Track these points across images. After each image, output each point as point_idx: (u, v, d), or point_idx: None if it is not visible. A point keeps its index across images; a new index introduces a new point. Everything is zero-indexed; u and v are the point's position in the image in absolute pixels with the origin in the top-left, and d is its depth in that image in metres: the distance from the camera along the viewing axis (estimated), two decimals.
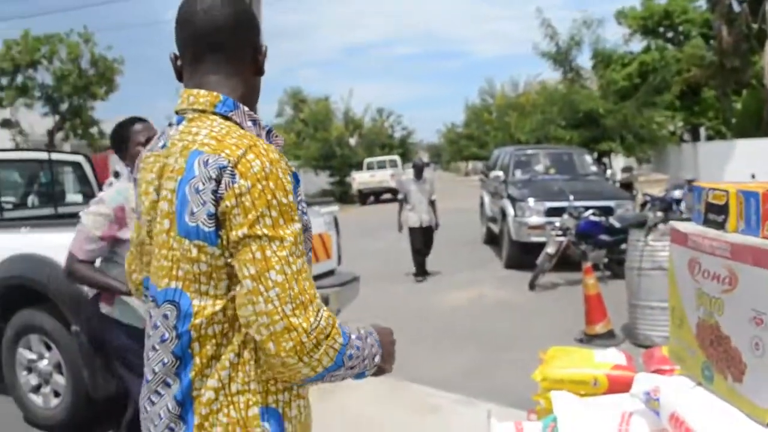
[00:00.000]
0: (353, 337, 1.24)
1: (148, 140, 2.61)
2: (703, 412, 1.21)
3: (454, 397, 4.30)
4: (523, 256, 9.35)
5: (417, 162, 9.94)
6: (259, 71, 1.39)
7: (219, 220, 1.19)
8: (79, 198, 6.36)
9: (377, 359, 1.31)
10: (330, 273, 5.08)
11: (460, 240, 8.86)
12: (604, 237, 8.12)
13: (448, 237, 11.13)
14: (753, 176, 13.20)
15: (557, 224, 8.19)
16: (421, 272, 9.24)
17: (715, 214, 1.29)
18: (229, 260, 1.20)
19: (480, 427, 2.27)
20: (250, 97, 1.37)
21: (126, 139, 2.97)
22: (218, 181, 1.18)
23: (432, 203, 9.26)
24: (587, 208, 8.44)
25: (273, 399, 1.28)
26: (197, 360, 1.25)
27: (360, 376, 1.30)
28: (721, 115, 23.21)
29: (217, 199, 1.18)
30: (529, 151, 12.26)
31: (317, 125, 30.52)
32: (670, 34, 25.29)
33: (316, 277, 4.81)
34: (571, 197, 8.80)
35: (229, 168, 1.18)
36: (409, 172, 9.96)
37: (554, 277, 8.40)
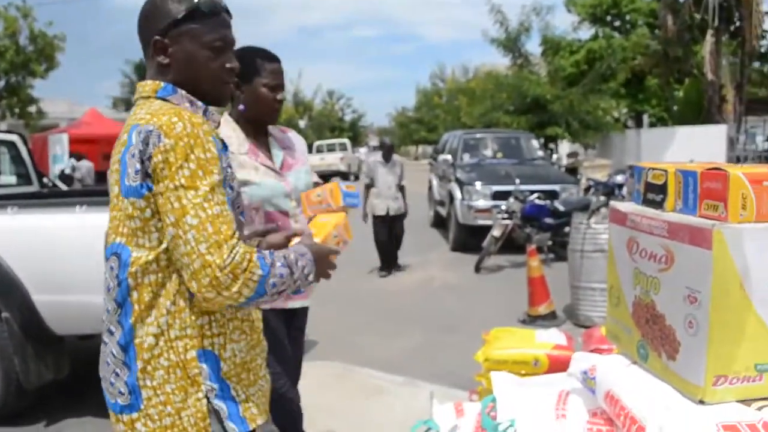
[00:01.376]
0: (278, 265, 1.38)
1: (279, 86, 2.45)
2: (637, 389, 1.22)
3: (399, 379, 4.31)
4: (469, 239, 9.44)
5: (385, 142, 8.85)
6: (164, 65, 1.50)
7: (149, 177, 1.35)
8: (12, 179, 6.07)
9: (311, 278, 1.49)
10: None
11: (408, 223, 8.81)
12: (548, 220, 8.25)
13: None
14: (691, 161, 13.59)
15: (503, 207, 8.28)
16: (388, 266, 8.30)
17: (654, 193, 1.29)
18: (156, 214, 1.37)
19: (424, 409, 2.26)
20: (193, 82, 1.51)
21: (252, 73, 2.85)
22: (146, 143, 1.35)
23: (401, 189, 8.20)
24: (533, 192, 8.56)
25: (209, 342, 1.45)
26: (136, 307, 1.41)
27: (296, 292, 1.51)
28: (664, 103, 23.81)
29: (147, 158, 1.35)
30: (478, 136, 12.35)
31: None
32: (617, 23, 25.73)
33: None
34: (518, 181, 8.89)
35: (156, 130, 1.35)
36: (377, 153, 8.82)
37: (500, 260, 8.50)
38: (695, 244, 1.10)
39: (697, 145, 16.33)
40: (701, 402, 1.11)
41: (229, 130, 2.35)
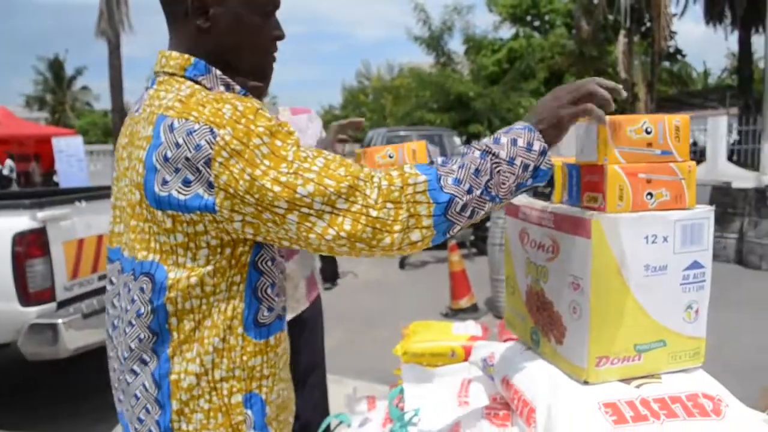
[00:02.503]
0: (451, 159, 1.09)
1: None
2: (529, 374, 1.28)
3: None
4: None
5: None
6: (203, 30, 1.19)
7: (212, 186, 1.06)
8: None
9: (539, 145, 1.10)
10: None
11: None
12: None
13: None
14: None
15: None
16: (332, 277, 7.67)
17: (543, 186, 1.35)
18: (223, 225, 1.08)
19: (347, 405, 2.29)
20: (235, 54, 1.22)
21: None
22: (197, 147, 1.05)
23: None
24: None
25: (257, 385, 1.20)
26: (175, 335, 1.15)
27: (538, 175, 1.11)
28: None
29: (204, 163, 1.05)
30: (401, 133, 12.48)
31: None
32: (536, 23, 26.45)
33: None
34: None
35: (202, 126, 1.06)
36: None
37: (424, 256, 8.63)
38: (577, 233, 1.16)
39: None
40: (585, 382, 1.18)
41: None
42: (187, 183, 1.07)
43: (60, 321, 3.48)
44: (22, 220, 3.50)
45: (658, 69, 22.04)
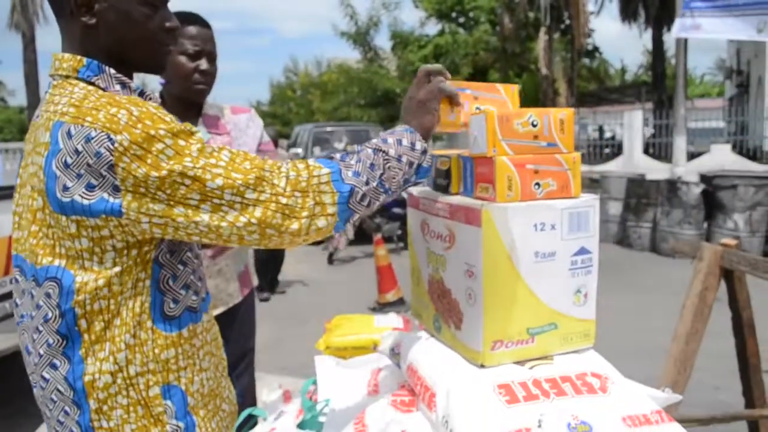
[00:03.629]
0: (349, 155, 1.17)
1: (202, 53, 2.11)
2: (431, 360, 1.32)
3: None
4: None
5: (270, 132, 7.40)
6: (90, 26, 1.18)
7: (119, 190, 1.07)
8: None
9: (418, 146, 1.22)
10: None
11: None
12: (397, 210, 8.51)
13: None
14: None
15: None
16: (270, 287, 7.02)
17: (442, 178, 1.39)
18: (128, 228, 1.10)
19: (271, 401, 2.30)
20: (126, 47, 1.21)
21: None
22: (97, 154, 1.06)
23: None
24: None
25: (174, 377, 1.23)
26: (86, 337, 1.16)
27: (420, 171, 1.23)
28: None
29: (107, 168, 1.06)
30: (328, 129, 12.48)
31: None
32: (461, 19, 26.86)
33: None
34: None
35: (99, 133, 1.06)
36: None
37: (352, 251, 8.66)
38: (469, 222, 1.21)
39: None
40: (482, 366, 1.23)
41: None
42: (90, 188, 1.07)
43: None
44: None
45: (577, 65, 22.74)
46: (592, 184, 9.46)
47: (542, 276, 1.23)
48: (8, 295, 3.75)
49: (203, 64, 2.08)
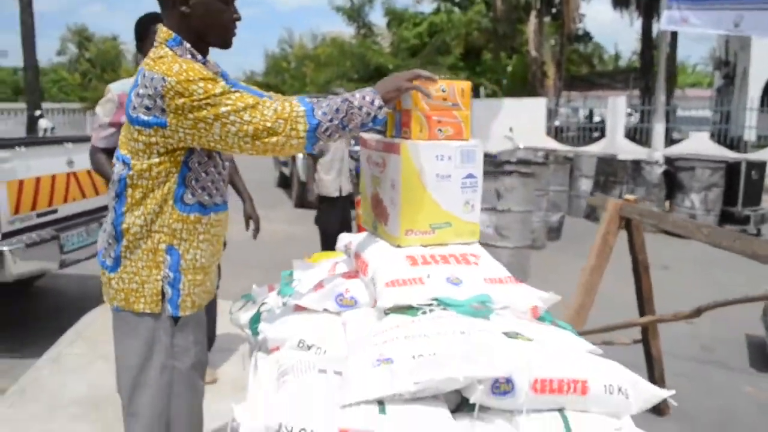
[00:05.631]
0: (324, 102, 1.74)
1: None
2: (368, 246, 1.97)
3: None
4: (310, 195, 10.15)
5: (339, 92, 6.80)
6: (185, 14, 1.84)
7: (164, 112, 1.73)
8: None
9: (377, 101, 1.75)
10: None
11: (255, 184, 9.32)
12: None
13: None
14: (510, 129, 15.15)
15: None
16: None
17: (380, 129, 2.03)
18: (169, 141, 1.78)
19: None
20: (207, 29, 1.87)
21: (143, 37, 3.25)
22: (155, 88, 1.73)
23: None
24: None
25: (177, 242, 1.91)
26: (129, 200, 1.88)
27: (375, 121, 1.78)
28: (494, 77, 25.79)
29: (159, 98, 1.72)
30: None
31: (105, 66, 28.83)
32: None
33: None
34: (353, 142, 9.69)
35: (158, 76, 1.74)
36: None
37: None
38: (393, 152, 1.86)
39: (521, 115, 18.02)
40: (398, 246, 1.88)
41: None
42: (148, 109, 1.77)
43: (5, 248, 3.98)
44: None
45: (566, 50, 23.21)
46: (565, 161, 10.11)
47: (442, 190, 1.88)
48: (36, 227, 4.38)
49: (237, 13, 2.79)
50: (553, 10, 22.10)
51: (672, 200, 9.60)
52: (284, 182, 12.54)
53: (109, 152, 3.30)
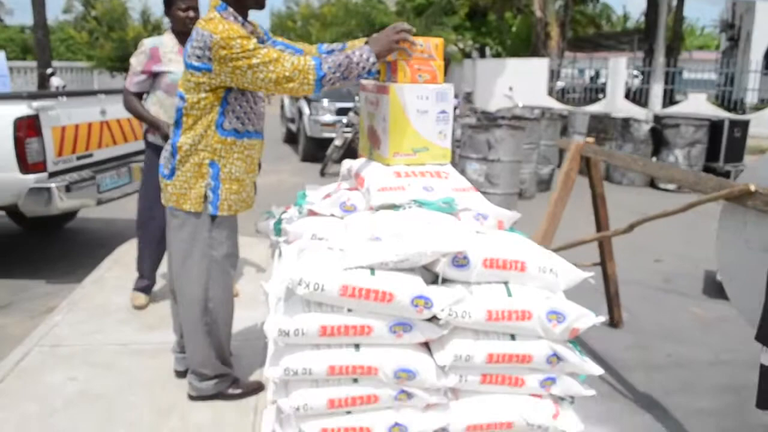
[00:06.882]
0: (330, 59, 2.34)
1: (189, 7, 3.74)
2: (365, 166, 2.56)
3: (245, 239, 5.56)
4: (316, 150, 10.74)
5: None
6: None
7: (211, 60, 2.39)
8: None
9: (371, 58, 2.34)
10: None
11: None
12: None
13: None
14: (510, 88, 15.59)
15: (344, 121, 9.63)
16: None
17: (378, 73, 2.61)
18: (213, 81, 2.46)
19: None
20: (239, 0, 2.52)
21: (170, 3, 3.84)
22: (204, 41, 2.37)
23: None
24: None
25: (217, 158, 2.61)
26: (184, 126, 2.60)
27: (370, 73, 2.42)
28: (499, 36, 26.01)
29: (207, 49, 2.38)
30: None
31: (112, 24, 29.04)
32: None
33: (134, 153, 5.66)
34: (357, 98, 10.24)
35: (208, 33, 2.38)
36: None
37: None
38: (384, 93, 2.43)
39: (524, 75, 18.40)
40: (387, 165, 2.47)
41: (169, 39, 3.71)
42: (198, 57, 2.43)
43: (53, 185, 4.58)
44: (21, 108, 4.53)
45: (571, 11, 23.36)
46: (560, 119, 10.59)
47: (421, 122, 2.45)
48: (76, 168, 4.98)
49: (191, 13, 3.75)
50: None
51: (658, 155, 10.12)
52: (291, 138, 13.09)
53: (139, 96, 3.92)
